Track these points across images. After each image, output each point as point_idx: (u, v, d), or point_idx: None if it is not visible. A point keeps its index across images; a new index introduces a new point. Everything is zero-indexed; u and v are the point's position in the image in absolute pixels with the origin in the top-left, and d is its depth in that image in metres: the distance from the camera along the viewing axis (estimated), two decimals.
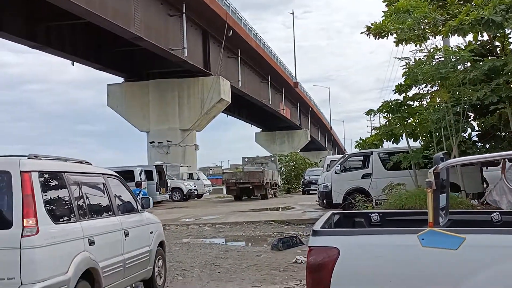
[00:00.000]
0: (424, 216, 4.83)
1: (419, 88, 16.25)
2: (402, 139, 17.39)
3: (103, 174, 6.92)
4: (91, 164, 6.95)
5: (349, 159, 19.78)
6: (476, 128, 16.21)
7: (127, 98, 41.84)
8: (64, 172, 5.87)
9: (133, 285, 7.17)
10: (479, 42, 15.38)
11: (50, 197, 5.44)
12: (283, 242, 12.18)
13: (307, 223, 17.39)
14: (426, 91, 16.37)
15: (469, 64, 14.66)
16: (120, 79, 42.86)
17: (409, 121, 17.40)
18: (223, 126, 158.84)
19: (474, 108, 14.88)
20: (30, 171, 5.22)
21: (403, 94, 16.89)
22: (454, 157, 13.78)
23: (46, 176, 5.52)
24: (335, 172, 18.56)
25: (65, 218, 5.57)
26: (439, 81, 14.75)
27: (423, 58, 15.22)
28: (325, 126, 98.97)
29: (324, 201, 18.96)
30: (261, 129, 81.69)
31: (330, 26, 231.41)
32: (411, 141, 17.15)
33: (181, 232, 15.99)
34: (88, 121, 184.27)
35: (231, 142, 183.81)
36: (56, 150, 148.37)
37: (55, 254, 5.19)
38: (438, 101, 15.87)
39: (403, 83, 16.48)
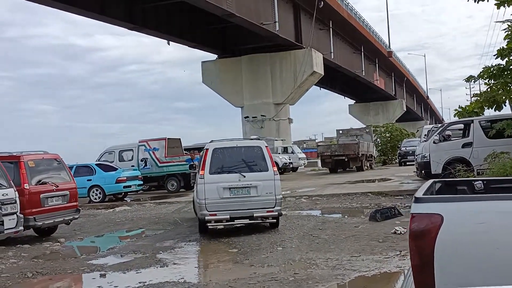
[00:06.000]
0: None
1: None
2: (505, 105, 16.55)
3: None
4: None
5: (448, 128, 19.16)
6: None
7: (221, 75, 42.56)
8: (266, 147, 11.70)
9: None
10: None
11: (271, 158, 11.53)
12: (381, 213, 12.11)
13: (405, 194, 17.12)
14: None
15: None
16: (213, 56, 43.63)
17: None
18: (316, 99, 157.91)
19: None
20: (267, 146, 11.70)
21: (506, 59, 16.02)
22: None
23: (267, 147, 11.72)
24: (434, 142, 18.03)
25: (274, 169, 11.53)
26: None
27: None
28: (421, 96, 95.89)
29: (423, 171, 18.51)
30: (354, 101, 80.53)
31: None
32: None
33: None
34: (184, 99, 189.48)
35: (324, 115, 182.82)
36: (155, 127, 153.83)
37: (280, 184, 11.59)
38: None
39: (505, 47, 15.64)
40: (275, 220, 11.53)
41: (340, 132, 39.15)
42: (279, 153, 37.41)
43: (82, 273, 8.76)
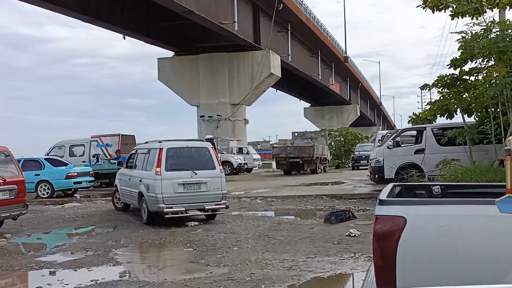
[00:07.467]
0: (488, 189, 4.78)
1: (475, 62, 15.81)
2: (457, 114, 16.99)
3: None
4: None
5: (402, 134, 19.54)
6: None
7: (177, 72, 42.18)
8: (212, 148, 13.18)
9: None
10: None
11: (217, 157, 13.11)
12: (335, 215, 12.22)
13: (359, 197, 17.37)
14: (483, 66, 15.92)
15: None
16: (170, 53, 43.19)
17: (464, 96, 16.97)
18: (271, 101, 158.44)
19: None
20: (212, 147, 13.12)
21: (459, 69, 16.45)
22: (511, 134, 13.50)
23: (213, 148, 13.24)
24: (388, 147, 18.36)
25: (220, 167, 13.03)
26: (497, 55, 14.31)
27: (480, 31, 14.80)
28: (375, 102, 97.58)
29: (376, 176, 18.83)
30: (310, 104, 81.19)
31: (380, 1, 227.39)
32: (465, 117, 16.76)
33: (233, 205, 16.08)
34: (137, 95, 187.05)
35: (279, 117, 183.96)
36: (105, 123, 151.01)
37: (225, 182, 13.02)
38: (495, 75, 15.42)
39: (458, 57, 16.05)
40: (217, 213, 13.07)
41: (296, 134, 39.38)
42: (234, 154, 37.37)
43: (31, 270, 8.49)
